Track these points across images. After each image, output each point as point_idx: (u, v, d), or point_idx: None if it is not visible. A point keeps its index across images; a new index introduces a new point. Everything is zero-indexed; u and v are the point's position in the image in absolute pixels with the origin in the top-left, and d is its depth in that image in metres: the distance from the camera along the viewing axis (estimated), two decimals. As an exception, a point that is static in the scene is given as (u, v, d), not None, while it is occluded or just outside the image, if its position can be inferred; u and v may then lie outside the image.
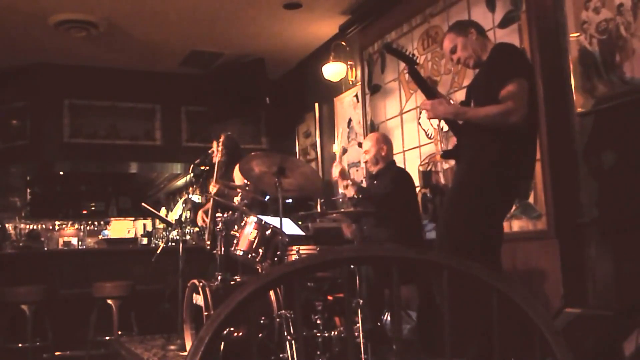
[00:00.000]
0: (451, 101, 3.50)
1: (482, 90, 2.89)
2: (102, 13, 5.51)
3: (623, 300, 3.15)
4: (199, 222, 4.94)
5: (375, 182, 4.10)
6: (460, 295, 1.06)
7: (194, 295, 3.86)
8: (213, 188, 4.46)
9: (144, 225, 9.73)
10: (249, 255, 3.69)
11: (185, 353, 3.92)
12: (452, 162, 4.36)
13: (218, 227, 3.99)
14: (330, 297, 3.45)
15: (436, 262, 1.04)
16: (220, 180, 4.49)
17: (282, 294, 3.49)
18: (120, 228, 9.75)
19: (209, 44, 6.37)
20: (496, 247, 2.92)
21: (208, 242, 4.71)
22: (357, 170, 5.70)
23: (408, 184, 4.09)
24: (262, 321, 3.46)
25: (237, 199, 4.20)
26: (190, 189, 5.19)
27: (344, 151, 6.00)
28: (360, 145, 5.52)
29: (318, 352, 3.21)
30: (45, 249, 6.66)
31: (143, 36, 6.08)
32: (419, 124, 4.82)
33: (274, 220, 3.76)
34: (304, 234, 4.29)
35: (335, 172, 4.05)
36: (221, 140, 4.60)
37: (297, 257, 3.35)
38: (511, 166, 2.77)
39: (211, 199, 4.71)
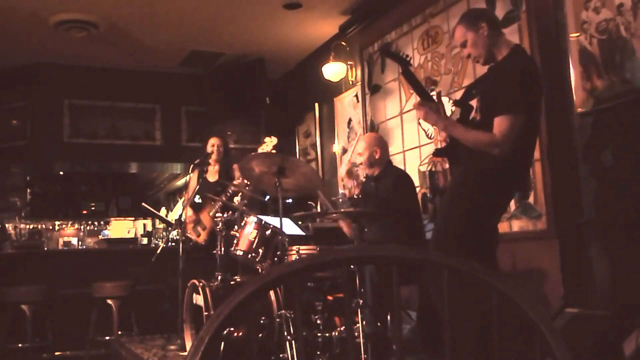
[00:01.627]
0: (447, 99, 3.46)
1: (489, 96, 2.81)
2: (102, 13, 5.51)
3: (623, 300, 3.15)
4: (188, 217, 4.96)
5: (372, 183, 4.08)
6: (456, 292, 1.06)
7: (194, 295, 3.87)
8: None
9: (144, 225, 9.74)
10: (249, 255, 3.69)
11: (185, 353, 3.92)
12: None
13: (218, 227, 4.00)
14: (330, 297, 3.45)
15: (436, 262, 1.04)
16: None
17: (282, 294, 3.49)
18: (120, 228, 9.76)
19: (209, 44, 6.37)
20: (493, 248, 2.92)
21: (203, 239, 4.73)
22: (357, 171, 5.70)
23: (409, 188, 4.06)
24: (262, 321, 3.47)
25: (237, 199, 4.21)
26: (191, 189, 5.20)
27: (344, 151, 6.00)
28: (359, 145, 5.52)
29: (318, 352, 3.21)
30: (45, 249, 6.66)
31: (143, 36, 6.08)
32: (419, 124, 4.82)
33: (274, 220, 3.76)
34: (304, 234, 4.29)
35: (342, 171, 4.04)
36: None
37: (297, 257, 3.35)
38: (508, 168, 2.77)
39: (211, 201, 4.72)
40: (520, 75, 2.73)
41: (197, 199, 5.05)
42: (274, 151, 4.48)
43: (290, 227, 4.10)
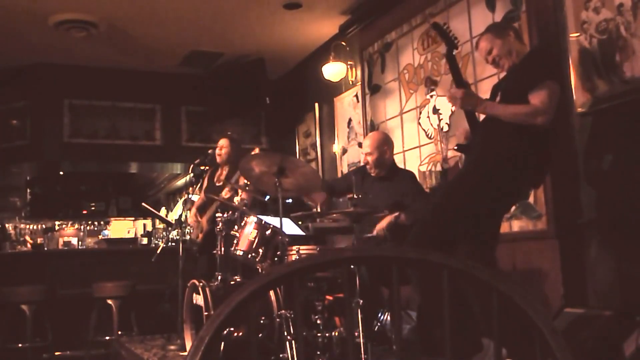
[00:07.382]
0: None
1: (510, 89, 2.89)
2: (102, 13, 5.51)
3: (623, 300, 3.15)
4: (190, 219, 4.94)
5: (376, 183, 4.07)
6: (433, 279, 1.07)
7: (194, 295, 3.87)
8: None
9: (144, 225, 9.74)
10: (249, 255, 3.69)
11: (185, 353, 3.92)
12: (452, 162, 4.37)
13: (218, 227, 3.99)
14: (330, 297, 3.45)
15: (436, 262, 1.04)
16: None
17: (282, 294, 3.49)
18: (120, 228, 9.76)
19: (209, 44, 6.37)
20: (491, 242, 2.93)
21: (198, 240, 4.73)
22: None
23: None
24: (262, 321, 3.46)
25: (237, 199, 4.20)
26: (190, 189, 5.20)
27: (344, 151, 6.00)
28: (360, 145, 5.52)
29: (318, 352, 3.21)
30: (45, 249, 6.67)
31: (143, 36, 6.08)
32: (419, 124, 4.82)
33: (274, 220, 3.76)
34: (304, 234, 4.28)
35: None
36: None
37: (297, 257, 3.35)
38: (522, 164, 2.79)
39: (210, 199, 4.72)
40: (541, 54, 3.01)
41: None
42: None
43: (290, 227, 4.09)
